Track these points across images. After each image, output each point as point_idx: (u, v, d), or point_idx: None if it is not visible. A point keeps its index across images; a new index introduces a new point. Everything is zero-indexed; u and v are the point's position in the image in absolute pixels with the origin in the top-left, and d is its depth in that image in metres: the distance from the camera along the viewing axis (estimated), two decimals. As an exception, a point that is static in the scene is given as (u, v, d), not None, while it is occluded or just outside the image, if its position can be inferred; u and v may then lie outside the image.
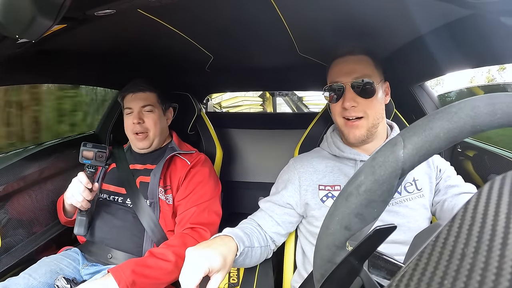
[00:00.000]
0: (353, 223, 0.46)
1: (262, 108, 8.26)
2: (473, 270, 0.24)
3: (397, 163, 0.43)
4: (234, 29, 1.44)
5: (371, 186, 0.44)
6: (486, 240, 0.26)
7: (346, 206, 0.46)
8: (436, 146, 0.42)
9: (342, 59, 1.31)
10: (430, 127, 0.43)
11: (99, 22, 1.04)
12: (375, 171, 0.44)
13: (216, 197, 1.69)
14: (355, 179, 0.46)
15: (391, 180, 0.43)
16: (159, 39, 1.56)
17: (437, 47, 1.39)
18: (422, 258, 0.30)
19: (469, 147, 1.65)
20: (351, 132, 1.27)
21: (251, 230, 1.26)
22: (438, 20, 1.25)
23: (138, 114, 1.68)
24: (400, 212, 1.24)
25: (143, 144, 1.70)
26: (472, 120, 0.41)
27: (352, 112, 1.25)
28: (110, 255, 1.53)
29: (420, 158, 0.43)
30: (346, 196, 0.46)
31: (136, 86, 1.71)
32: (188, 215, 1.55)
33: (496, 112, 0.40)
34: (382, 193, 0.44)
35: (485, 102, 0.41)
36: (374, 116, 1.26)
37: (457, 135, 0.42)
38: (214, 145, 2.11)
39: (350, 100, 1.24)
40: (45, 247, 1.69)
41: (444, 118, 0.42)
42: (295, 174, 1.38)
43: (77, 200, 1.44)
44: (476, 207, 0.29)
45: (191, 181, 1.64)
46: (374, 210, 0.45)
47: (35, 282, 1.35)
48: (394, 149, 0.44)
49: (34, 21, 0.71)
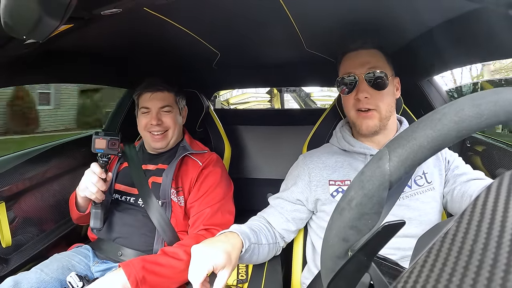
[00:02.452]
0: (349, 235, 0.47)
1: (270, 104, 8.27)
2: (482, 267, 0.24)
3: (384, 177, 0.44)
4: (241, 26, 1.44)
5: (361, 200, 0.45)
6: (495, 236, 0.25)
7: (341, 220, 0.47)
8: (421, 156, 0.42)
9: (354, 53, 1.32)
10: (414, 138, 0.43)
11: (106, 21, 1.04)
12: (364, 186, 0.45)
13: (229, 197, 1.69)
14: (347, 194, 0.48)
15: (379, 193, 0.44)
16: (166, 37, 1.56)
17: (445, 41, 1.38)
18: (430, 255, 0.30)
19: (478, 142, 1.64)
20: (364, 122, 1.27)
21: (259, 227, 1.26)
22: (446, 14, 1.24)
23: (156, 115, 1.66)
24: (411, 206, 1.23)
25: (160, 144, 1.68)
26: (457, 126, 0.41)
27: (365, 103, 1.25)
28: (121, 252, 1.54)
29: (407, 169, 0.43)
30: (340, 211, 0.48)
31: (155, 85, 1.68)
32: (202, 216, 1.55)
33: (482, 113, 0.40)
34: (373, 206, 0.44)
35: (470, 104, 0.41)
36: (386, 109, 1.26)
37: (442, 143, 0.42)
38: (222, 142, 2.11)
39: (364, 92, 1.24)
40: (56, 244, 1.71)
41: (427, 127, 0.42)
42: (305, 169, 1.38)
43: (92, 192, 1.42)
44: (485, 203, 0.29)
45: (204, 182, 1.63)
46: (368, 222, 0.45)
47: (47, 278, 1.36)
48: (379, 163, 0.44)
49: (40, 21, 0.71)
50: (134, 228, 1.58)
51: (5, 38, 0.99)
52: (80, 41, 1.43)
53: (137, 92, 1.73)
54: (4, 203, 1.51)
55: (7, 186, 1.53)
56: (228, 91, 7.46)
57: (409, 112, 1.64)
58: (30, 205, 1.67)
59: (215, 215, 1.56)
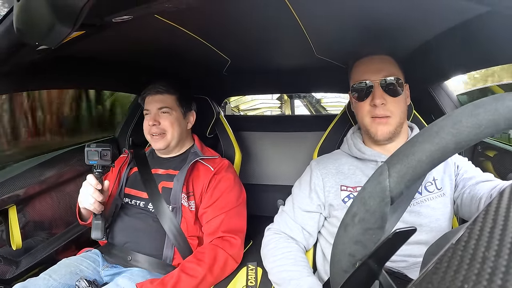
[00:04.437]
0: (355, 250, 0.47)
1: (280, 110, 8.27)
2: (495, 274, 0.23)
3: (385, 192, 0.44)
4: (250, 32, 1.44)
5: (364, 216, 0.45)
6: (508, 243, 0.25)
7: (346, 236, 0.48)
8: (420, 171, 0.42)
9: (367, 59, 1.32)
10: (413, 153, 0.43)
11: (117, 28, 1.05)
12: (366, 202, 0.45)
13: (242, 202, 1.70)
14: (350, 210, 0.48)
15: (381, 208, 0.44)
16: (177, 44, 1.57)
17: (454, 45, 1.37)
18: (442, 262, 0.29)
19: (490, 147, 1.62)
20: (379, 128, 1.26)
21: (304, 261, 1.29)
22: (454, 18, 1.23)
23: (154, 116, 1.69)
24: (422, 212, 1.22)
25: (159, 144, 1.69)
26: (455, 138, 0.40)
27: (382, 110, 1.25)
28: (130, 257, 1.54)
29: (406, 184, 0.43)
30: (344, 227, 0.48)
31: (155, 88, 1.71)
32: (217, 223, 1.56)
33: (480, 123, 0.39)
34: (376, 221, 0.45)
35: (467, 115, 0.40)
36: (400, 116, 1.26)
37: (440, 156, 0.41)
38: (233, 148, 2.11)
39: (380, 98, 1.24)
40: (65, 248, 1.72)
41: (425, 141, 0.42)
42: (319, 175, 1.38)
43: (89, 203, 1.45)
44: (498, 210, 0.29)
45: (217, 188, 1.63)
46: (373, 236, 0.45)
47: (55, 283, 1.37)
48: (380, 179, 0.44)
49: (53, 28, 0.72)
50: (144, 233, 1.58)
51: (18, 45, 1.00)
52: (92, 48, 1.45)
53: (141, 96, 1.77)
54: (15, 206, 1.53)
55: (19, 189, 1.55)
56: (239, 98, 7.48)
57: (420, 118, 1.62)
58: (40, 209, 1.68)
59: (230, 221, 1.57)
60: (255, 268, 1.54)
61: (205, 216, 1.60)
